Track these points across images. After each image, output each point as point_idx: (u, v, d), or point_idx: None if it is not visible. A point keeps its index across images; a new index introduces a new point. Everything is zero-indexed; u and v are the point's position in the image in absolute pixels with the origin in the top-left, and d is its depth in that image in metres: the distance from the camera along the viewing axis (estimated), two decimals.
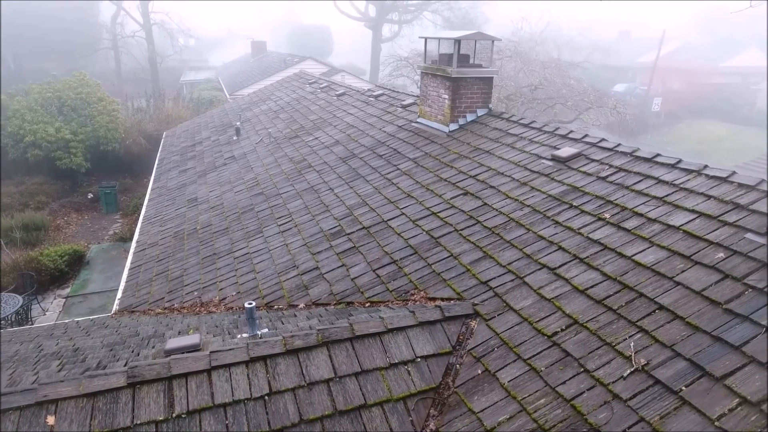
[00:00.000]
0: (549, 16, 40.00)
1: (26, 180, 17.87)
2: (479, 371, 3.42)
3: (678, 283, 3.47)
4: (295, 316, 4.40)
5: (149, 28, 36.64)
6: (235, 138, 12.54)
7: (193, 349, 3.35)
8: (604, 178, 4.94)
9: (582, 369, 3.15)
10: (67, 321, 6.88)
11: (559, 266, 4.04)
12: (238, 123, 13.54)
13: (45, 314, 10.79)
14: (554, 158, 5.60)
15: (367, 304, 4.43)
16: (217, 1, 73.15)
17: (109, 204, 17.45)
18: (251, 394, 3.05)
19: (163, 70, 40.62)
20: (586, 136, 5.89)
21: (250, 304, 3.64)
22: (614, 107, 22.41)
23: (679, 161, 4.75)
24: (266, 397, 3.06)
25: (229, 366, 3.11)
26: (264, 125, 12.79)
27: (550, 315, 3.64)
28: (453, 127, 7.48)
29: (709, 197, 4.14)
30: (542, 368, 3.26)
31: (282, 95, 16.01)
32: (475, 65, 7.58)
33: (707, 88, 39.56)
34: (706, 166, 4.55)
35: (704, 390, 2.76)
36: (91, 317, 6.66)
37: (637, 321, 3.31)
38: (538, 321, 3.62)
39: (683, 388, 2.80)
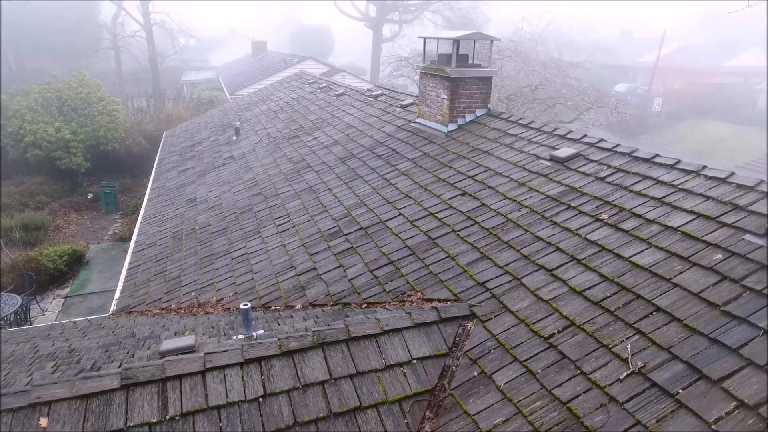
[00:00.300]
0: (550, 15, 39.98)
1: (26, 180, 17.88)
2: (475, 373, 3.40)
3: (676, 285, 3.44)
4: (292, 317, 4.38)
5: (149, 28, 36.66)
6: (234, 138, 12.53)
7: (188, 350, 3.34)
8: (602, 179, 4.92)
9: (578, 371, 3.13)
10: (64, 321, 6.87)
11: (557, 267, 4.02)
12: (237, 123, 13.53)
13: (44, 314, 10.78)
14: (553, 158, 5.58)
15: (363, 305, 4.41)
16: (219, 0, 73.26)
17: (108, 204, 17.45)
18: (245, 396, 3.03)
19: (164, 70, 40.66)
20: (584, 136, 5.86)
21: (246, 305, 3.62)
22: (615, 107, 22.36)
23: (678, 162, 4.73)
24: (260, 399, 3.04)
25: (223, 368, 3.09)
26: (263, 125, 12.78)
27: (547, 316, 3.62)
28: (452, 127, 7.46)
29: (708, 198, 4.12)
30: (538, 370, 3.23)
31: (282, 95, 16.01)
32: (474, 65, 7.56)
33: (709, 88, 39.50)
34: (704, 167, 4.52)
35: (701, 393, 2.73)
36: (88, 318, 6.65)
37: (634, 323, 3.28)
38: (535, 323, 3.59)
39: (680, 390, 2.78)
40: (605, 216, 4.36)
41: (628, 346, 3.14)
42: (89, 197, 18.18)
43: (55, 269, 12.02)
